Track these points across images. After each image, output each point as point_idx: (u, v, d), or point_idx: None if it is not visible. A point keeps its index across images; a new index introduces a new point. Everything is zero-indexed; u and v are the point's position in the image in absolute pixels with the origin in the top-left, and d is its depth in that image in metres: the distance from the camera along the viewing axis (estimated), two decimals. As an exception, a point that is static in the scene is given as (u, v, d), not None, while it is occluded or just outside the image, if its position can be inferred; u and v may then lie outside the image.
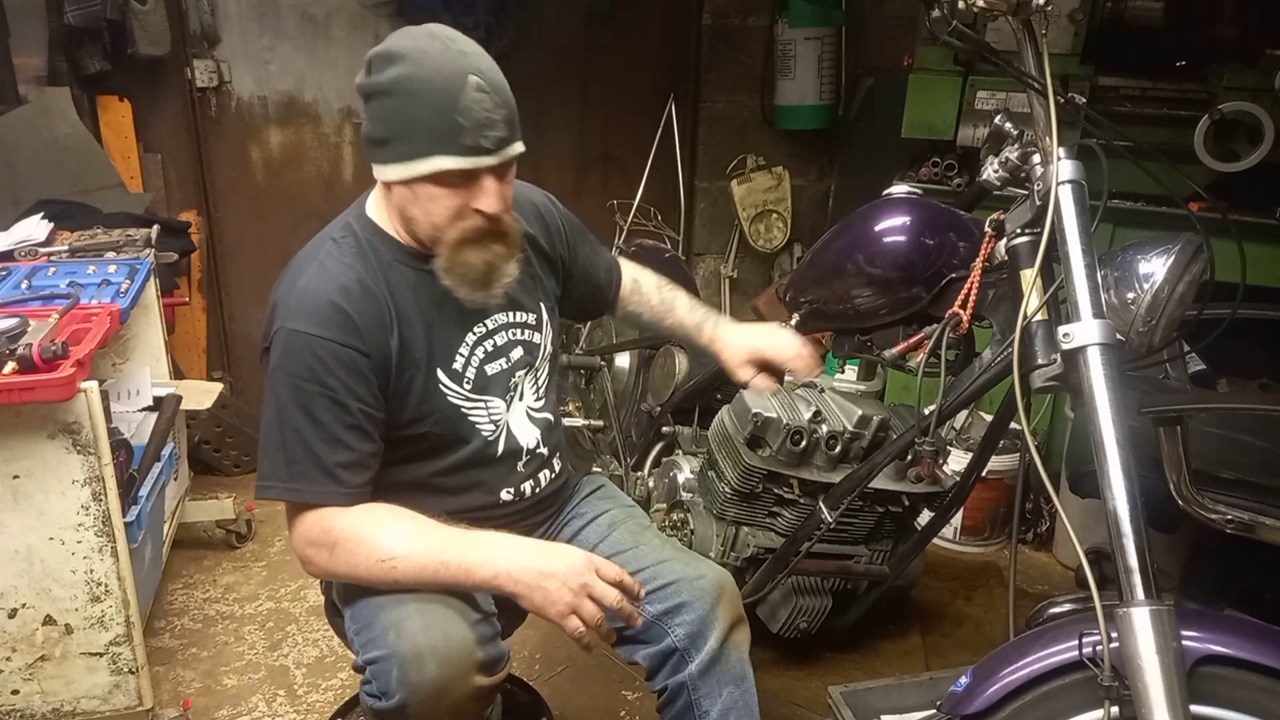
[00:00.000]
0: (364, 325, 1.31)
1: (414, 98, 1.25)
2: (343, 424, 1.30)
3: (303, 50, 3.13)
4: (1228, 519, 1.51)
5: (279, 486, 1.31)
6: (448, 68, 1.26)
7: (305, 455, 1.29)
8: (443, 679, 1.24)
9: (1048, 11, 1.32)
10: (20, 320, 1.71)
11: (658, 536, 1.57)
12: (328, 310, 1.30)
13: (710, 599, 1.42)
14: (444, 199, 1.29)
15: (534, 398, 1.53)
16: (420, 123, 1.25)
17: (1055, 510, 2.63)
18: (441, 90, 1.24)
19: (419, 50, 1.27)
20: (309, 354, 1.29)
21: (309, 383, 1.29)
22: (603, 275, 1.71)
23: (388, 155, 1.29)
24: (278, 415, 1.31)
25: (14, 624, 1.80)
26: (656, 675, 1.43)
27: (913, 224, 1.74)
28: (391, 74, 1.26)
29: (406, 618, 1.27)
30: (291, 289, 1.33)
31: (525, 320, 1.51)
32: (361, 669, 1.30)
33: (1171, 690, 1.09)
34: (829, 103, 3.39)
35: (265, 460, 1.32)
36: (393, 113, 1.26)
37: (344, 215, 1.43)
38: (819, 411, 1.90)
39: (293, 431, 1.29)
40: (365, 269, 1.34)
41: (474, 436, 1.45)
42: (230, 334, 3.28)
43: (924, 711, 1.84)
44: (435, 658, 1.24)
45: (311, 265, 1.34)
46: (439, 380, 1.40)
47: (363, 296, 1.32)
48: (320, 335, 1.29)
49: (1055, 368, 1.33)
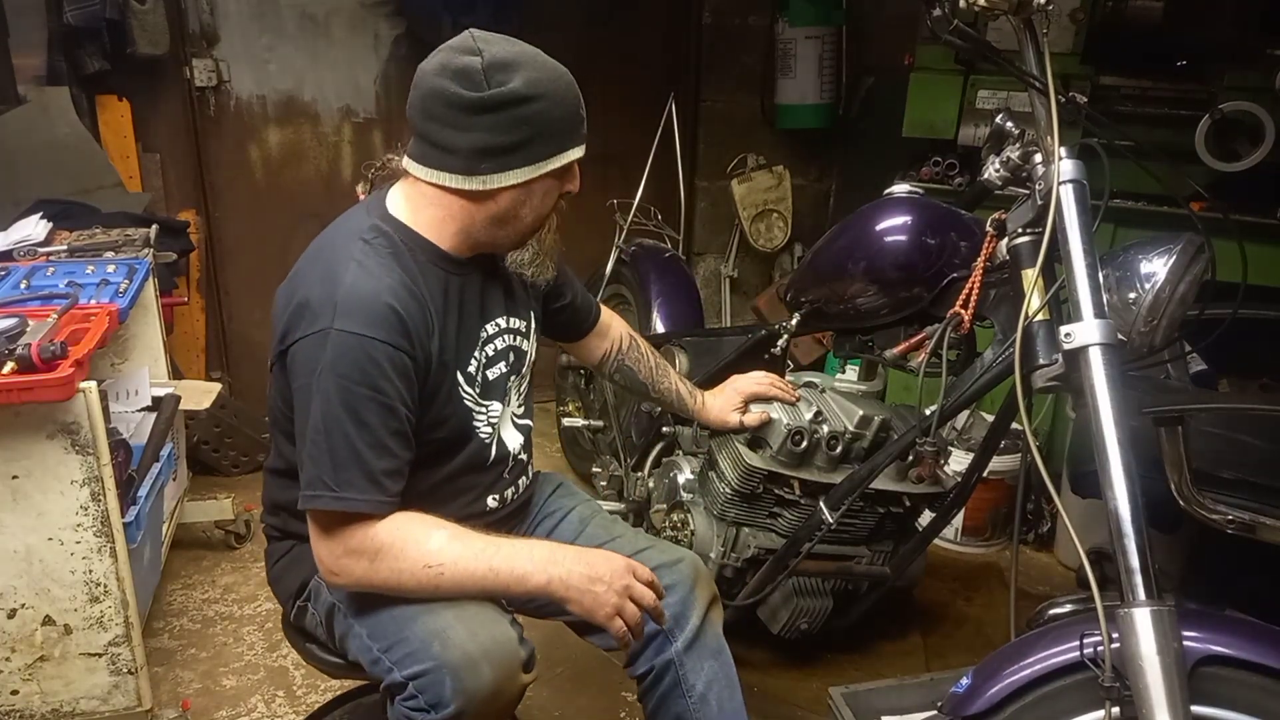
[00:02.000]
0: (413, 327, 1.29)
1: (550, 99, 1.29)
2: (389, 429, 1.27)
3: (302, 50, 3.13)
4: (1228, 519, 1.51)
5: (327, 496, 1.25)
6: (557, 66, 1.32)
7: (352, 461, 1.25)
8: (497, 682, 1.25)
9: (1049, 11, 1.32)
10: (19, 320, 1.71)
11: (628, 528, 1.63)
12: (383, 311, 1.26)
13: (689, 581, 1.51)
14: (554, 190, 1.37)
15: (518, 404, 1.55)
16: (557, 120, 1.30)
17: (1056, 511, 2.63)
18: (567, 87, 1.32)
19: (523, 54, 1.30)
20: (364, 356, 1.24)
21: (360, 385, 1.24)
22: (579, 299, 1.73)
23: (513, 161, 1.29)
24: (324, 420, 1.25)
25: (13, 624, 1.80)
26: (638, 659, 1.50)
27: (914, 224, 1.74)
28: (521, 79, 1.26)
29: (448, 626, 1.27)
30: (333, 288, 1.27)
31: (518, 327, 1.52)
32: (401, 685, 1.28)
33: (1172, 690, 1.09)
34: (830, 102, 3.39)
35: (311, 467, 1.27)
36: (530, 117, 1.27)
37: (362, 215, 1.38)
38: (820, 412, 1.90)
39: (340, 436, 1.25)
40: (405, 270, 1.32)
41: (474, 440, 1.45)
42: (229, 334, 3.28)
43: (925, 712, 1.83)
44: (489, 662, 1.25)
45: (348, 264, 1.29)
46: (459, 383, 1.40)
47: (409, 298, 1.30)
48: (376, 337, 1.25)
49: (1057, 368, 1.33)
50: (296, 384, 1.29)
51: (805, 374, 2.09)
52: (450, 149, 1.29)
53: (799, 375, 2.07)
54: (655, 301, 2.73)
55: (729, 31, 3.48)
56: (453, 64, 1.27)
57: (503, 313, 1.48)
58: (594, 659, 2.18)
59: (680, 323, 2.70)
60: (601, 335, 1.79)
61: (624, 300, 2.93)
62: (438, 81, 1.27)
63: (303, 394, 1.28)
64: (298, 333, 1.28)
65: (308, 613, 1.47)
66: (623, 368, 1.82)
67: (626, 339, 1.82)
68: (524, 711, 2.07)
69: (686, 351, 2.35)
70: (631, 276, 2.85)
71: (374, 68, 3.22)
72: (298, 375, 1.28)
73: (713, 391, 1.91)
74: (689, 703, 1.47)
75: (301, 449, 1.29)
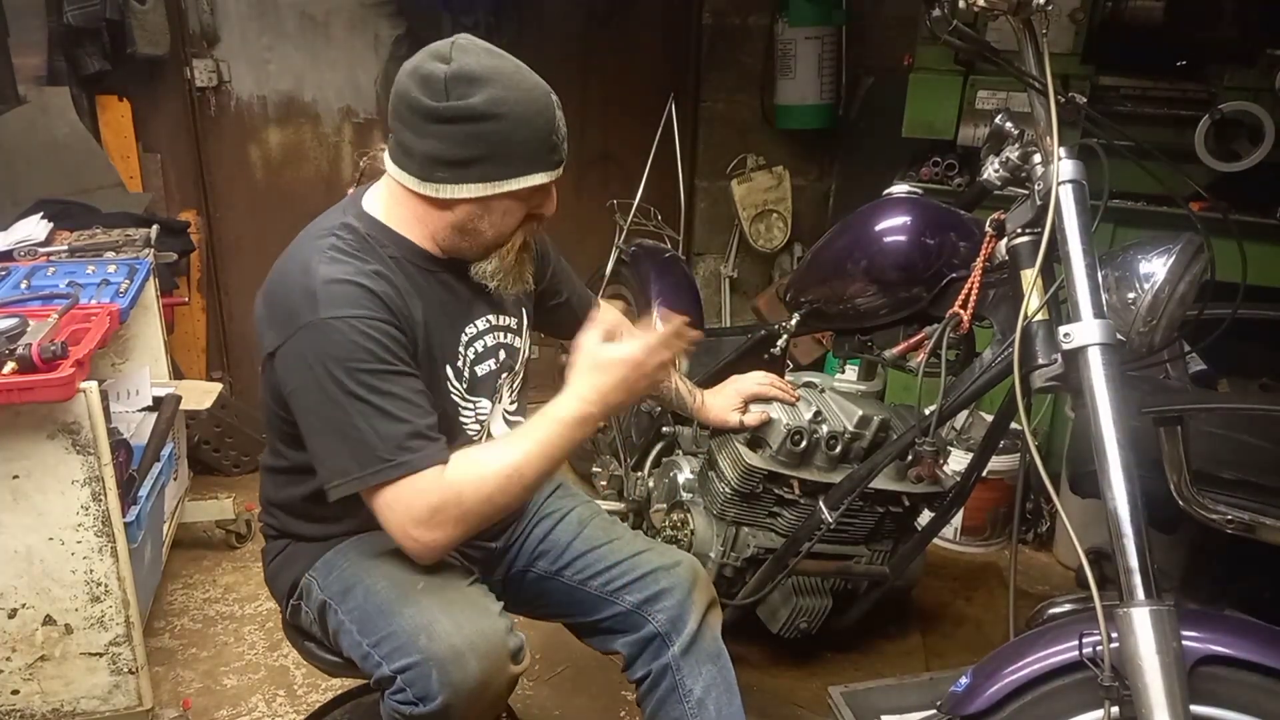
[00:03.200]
0: (394, 304, 1.30)
1: (511, 121, 1.26)
2: (414, 389, 1.27)
3: (302, 50, 3.13)
4: (1228, 519, 1.51)
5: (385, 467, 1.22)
6: (537, 90, 1.29)
7: (397, 429, 1.23)
8: (484, 673, 1.25)
9: (1048, 11, 1.32)
10: (20, 320, 1.71)
11: (626, 530, 1.62)
12: (358, 291, 1.26)
13: (687, 584, 1.50)
14: (517, 210, 1.33)
15: (510, 401, 1.55)
16: (518, 144, 1.27)
17: (1055, 510, 2.63)
18: (537, 113, 1.28)
19: (501, 71, 1.27)
20: (359, 334, 1.24)
21: (368, 362, 1.24)
22: (576, 298, 1.72)
23: (468, 175, 1.28)
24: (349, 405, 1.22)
25: (14, 624, 1.80)
26: (635, 663, 1.50)
27: (913, 224, 1.74)
28: (482, 97, 1.24)
29: (434, 620, 1.27)
30: (309, 281, 1.26)
31: (508, 324, 1.51)
32: (390, 679, 1.27)
33: (1172, 690, 1.09)
34: (829, 102, 3.39)
35: (341, 455, 1.24)
36: (485, 135, 1.25)
37: (335, 215, 1.38)
38: (819, 412, 1.90)
39: (374, 411, 1.23)
40: (377, 261, 1.32)
41: (461, 437, 1.44)
42: (230, 334, 3.28)
43: (924, 712, 1.83)
44: (475, 654, 1.25)
45: (318, 258, 1.29)
46: (446, 376, 1.41)
47: (384, 283, 1.30)
48: (363, 315, 1.25)
49: (1056, 368, 1.33)
50: (293, 385, 1.27)
51: (805, 374, 2.09)
52: (409, 152, 1.30)
53: (799, 375, 2.07)
54: (655, 301, 2.73)
55: (729, 32, 3.48)
56: (422, 68, 1.27)
57: (491, 310, 1.47)
58: (594, 659, 2.18)
59: (680, 323, 2.69)
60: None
61: (624, 300, 2.93)
62: (405, 83, 1.28)
63: (304, 393, 1.26)
64: (283, 334, 1.27)
65: (302, 611, 1.47)
66: None
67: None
68: (524, 712, 2.08)
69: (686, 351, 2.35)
70: (631, 276, 2.85)
71: (374, 68, 3.22)
72: (293, 376, 1.27)
73: (712, 391, 1.91)
74: (686, 708, 1.46)
75: (324, 441, 1.27)
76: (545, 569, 1.57)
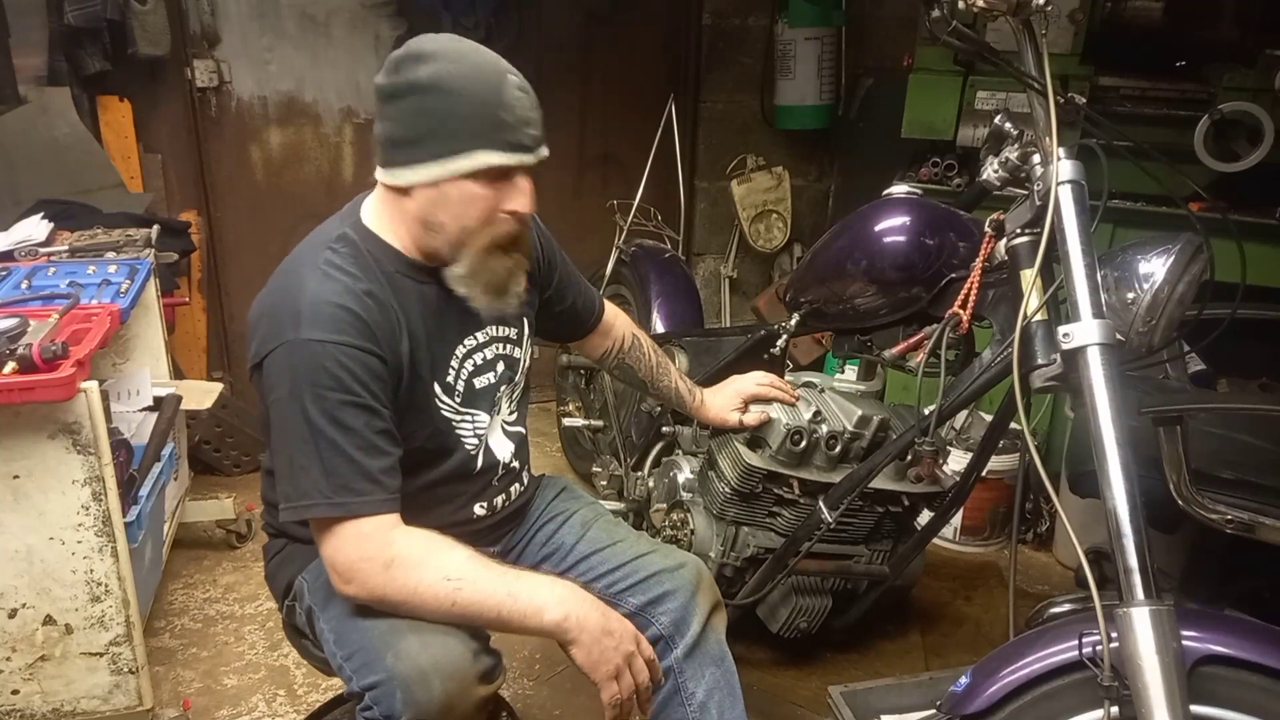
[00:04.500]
0: (379, 331, 1.28)
1: (455, 93, 1.22)
2: (374, 429, 1.26)
3: (302, 50, 3.14)
4: (1228, 519, 1.51)
5: (323, 503, 1.23)
6: (486, 65, 1.26)
7: (346, 466, 1.23)
8: (448, 694, 1.23)
9: (1048, 11, 1.33)
10: (20, 320, 1.71)
11: (631, 532, 1.60)
12: (343, 315, 1.25)
13: (691, 587, 1.48)
14: (478, 199, 1.27)
15: (509, 412, 1.54)
16: (462, 118, 1.23)
17: (1055, 510, 2.63)
18: (484, 85, 1.24)
19: (453, 49, 1.26)
20: (333, 362, 1.23)
21: (335, 391, 1.23)
22: (580, 300, 1.70)
23: (418, 155, 1.25)
24: (307, 431, 1.23)
25: (14, 624, 1.80)
26: None
27: (913, 224, 1.74)
28: (427, 71, 1.23)
29: (402, 638, 1.25)
30: (295, 298, 1.26)
31: (508, 335, 1.50)
32: (359, 695, 1.27)
33: (1171, 690, 1.09)
34: (829, 103, 3.39)
35: (297, 479, 1.25)
36: (429, 109, 1.23)
37: (335, 225, 1.38)
38: (819, 411, 1.90)
39: (327, 444, 1.23)
40: (370, 278, 1.31)
41: (458, 449, 1.44)
42: (230, 334, 3.28)
43: (924, 711, 1.84)
44: (439, 674, 1.23)
45: (311, 273, 1.28)
46: (435, 393, 1.39)
47: (373, 304, 1.29)
48: (339, 341, 1.24)
49: (1055, 368, 1.33)
50: (271, 398, 1.28)
51: (804, 374, 2.09)
52: (376, 140, 1.31)
53: (798, 375, 2.08)
54: (655, 301, 2.73)
55: (729, 32, 3.48)
56: (391, 57, 1.28)
57: (491, 321, 1.46)
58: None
59: (680, 323, 2.70)
60: (604, 334, 1.79)
61: (624, 300, 2.93)
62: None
63: (278, 407, 1.27)
64: (267, 346, 1.27)
65: (296, 611, 1.47)
66: (622, 365, 1.82)
67: (629, 338, 1.81)
68: (524, 712, 2.08)
69: (686, 351, 2.35)
70: (631, 277, 2.86)
71: (375, 68, 3.21)
72: (271, 389, 1.27)
73: (712, 390, 1.91)
74: (688, 710, 1.45)
75: (281, 460, 1.28)
76: (551, 571, 1.57)
